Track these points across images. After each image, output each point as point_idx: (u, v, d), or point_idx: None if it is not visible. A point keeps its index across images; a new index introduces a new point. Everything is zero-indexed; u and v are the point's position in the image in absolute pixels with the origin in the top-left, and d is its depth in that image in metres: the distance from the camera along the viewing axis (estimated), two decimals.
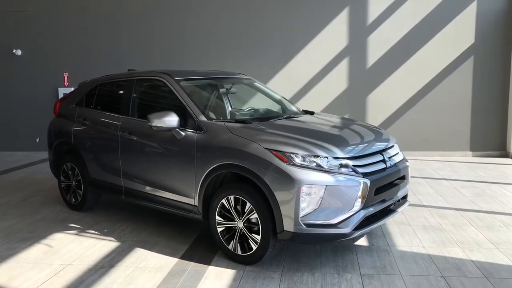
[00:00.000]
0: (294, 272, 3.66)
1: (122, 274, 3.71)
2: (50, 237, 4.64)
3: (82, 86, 5.63)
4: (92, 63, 9.29)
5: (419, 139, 8.74)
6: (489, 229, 4.54)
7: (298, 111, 5.13)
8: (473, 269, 3.62)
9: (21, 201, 5.99)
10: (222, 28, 9.03)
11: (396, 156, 4.15)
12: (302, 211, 3.43)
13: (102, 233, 4.72)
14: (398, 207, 4.13)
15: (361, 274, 3.59)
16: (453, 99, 8.61)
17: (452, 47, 8.51)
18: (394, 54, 8.64)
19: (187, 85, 4.54)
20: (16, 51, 9.59)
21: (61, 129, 5.56)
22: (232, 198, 3.79)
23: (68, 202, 5.57)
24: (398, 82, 8.69)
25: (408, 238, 4.36)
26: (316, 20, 8.75)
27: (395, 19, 8.57)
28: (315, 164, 3.51)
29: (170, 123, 4.08)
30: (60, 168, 5.60)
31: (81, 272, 3.77)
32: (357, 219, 3.52)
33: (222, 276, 3.63)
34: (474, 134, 8.64)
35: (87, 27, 9.43)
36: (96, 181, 5.14)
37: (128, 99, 4.85)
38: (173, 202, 4.30)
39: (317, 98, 8.85)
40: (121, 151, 4.75)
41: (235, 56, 8.99)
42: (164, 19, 9.16)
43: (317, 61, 8.82)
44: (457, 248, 4.05)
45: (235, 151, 3.75)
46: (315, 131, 4.20)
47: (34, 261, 4.01)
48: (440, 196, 5.80)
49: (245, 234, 3.74)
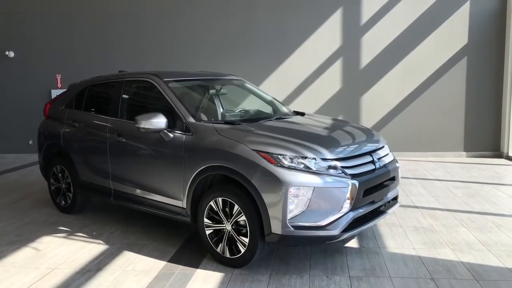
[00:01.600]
0: (282, 275, 3.63)
1: (109, 278, 3.67)
2: (38, 240, 4.59)
3: (72, 88, 5.59)
4: (85, 64, 9.25)
5: (413, 139, 8.72)
6: (481, 230, 4.51)
7: (289, 112, 5.09)
8: (463, 271, 3.59)
9: (11, 204, 5.94)
10: (216, 29, 9.00)
11: (386, 157, 4.11)
12: (290, 213, 3.40)
13: (90, 236, 4.67)
14: (389, 208, 4.09)
15: (350, 277, 3.55)
16: (447, 99, 8.59)
17: (446, 48, 8.49)
18: (388, 55, 8.62)
19: (176, 86, 4.50)
20: (9, 53, 9.54)
21: (50, 131, 5.52)
22: (220, 200, 3.75)
23: (58, 205, 5.52)
24: (392, 82, 8.67)
25: (399, 239, 4.33)
26: (310, 21, 8.72)
27: (389, 20, 8.55)
28: (303, 165, 3.48)
29: (158, 125, 4.05)
30: (50, 171, 5.55)
31: (67, 276, 3.72)
32: (346, 220, 3.49)
33: (210, 279, 3.59)
34: (467, 134, 8.62)
35: (80, 29, 9.38)
36: (85, 183, 5.09)
37: (117, 101, 4.81)
38: (161, 204, 4.26)
39: (311, 99, 8.83)
40: (110, 153, 4.71)
41: (229, 57, 8.96)
42: (157, 21, 9.13)
43: (311, 62, 8.79)
44: (448, 250, 4.02)
45: (223, 153, 3.71)
46: (304, 132, 4.16)
47: (21, 265, 3.97)
48: (433, 197, 5.77)
49: (234, 236, 3.70)
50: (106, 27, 9.31)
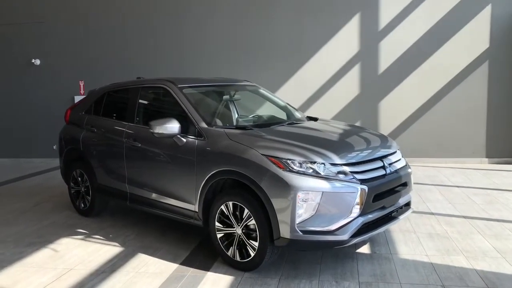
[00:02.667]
0: (292, 279, 3.64)
1: (122, 279, 3.76)
2: (57, 241, 4.73)
3: (91, 94, 5.76)
4: (106, 71, 9.47)
5: (433, 145, 8.59)
6: (497, 237, 4.42)
7: (302, 118, 5.11)
8: (476, 278, 3.53)
9: (33, 207, 6.14)
10: (233, 36, 9.09)
11: (398, 162, 4.09)
12: (299, 217, 3.42)
13: (107, 239, 4.78)
14: (401, 214, 4.06)
15: (359, 282, 3.54)
16: (468, 104, 8.44)
17: (466, 52, 8.35)
18: (407, 60, 8.53)
19: (190, 92, 4.58)
20: (35, 61, 9.88)
21: (71, 136, 5.69)
22: (230, 204, 3.80)
23: (77, 208, 5.68)
24: (411, 87, 8.57)
25: (411, 245, 4.28)
26: (327, 27, 8.72)
27: (407, 24, 8.47)
28: (312, 170, 3.50)
29: (172, 130, 4.14)
30: (70, 175, 5.72)
31: (82, 277, 3.83)
32: (355, 226, 3.49)
33: (220, 282, 3.63)
34: (489, 140, 8.43)
35: (102, 36, 9.63)
36: (103, 187, 5.23)
37: (133, 106, 4.94)
38: (174, 208, 4.34)
39: (329, 104, 8.81)
40: (126, 158, 4.82)
41: (246, 64, 9.04)
42: (177, 28, 9.29)
43: (329, 67, 8.78)
44: (461, 257, 3.96)
45: (233, 157, 3.77)
46: (314, 138, 4.18)
47: (39, 265, 4.10)
48: (450, 204, 5.68)
49: (244, 240, 3.74)
50: (128, 34, 9.53)
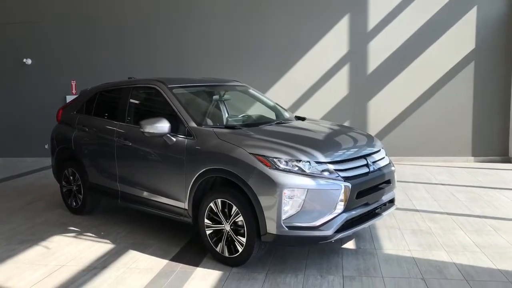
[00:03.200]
0: (278, 273, 3.76)
1: (113, 275, 3.85)
2: (49, 239, 4.81)
3: (83, 94, 5.83)
4: (99, 71, 9.52)
5: (420, 144, 8.76)
6: (478, 233, 4.57)
7: (290, 117, 5.23)
8: (455, 271, 3.67)
9: (25, 206, 6.20)
10: (224, 37, 9.19)
11: (381, 160, 4.22)
12: (285, 214, 3.54)
13: (99, 236, 4.87)
14: (384, 210, 4.20)
15: (343, 276, 3.67)
16: (455, 104, 8.61)
17: (453, 53, 8.53)
18: (395, 60, 8.69)
19: (180, 92, 4.68)
20: (26, 60, 9.91)
21: (62, 136, 5.77)
22: (219, 201, 3.91)
23: (69, 206, 5.75)
24: (399, 88, 8.73)
25: (395, 241, 4.42)
26: (317, 28, 8.86)
27: (395, 25, 8.63)
28: (297, 168, 3.62)
29: (162, 129, 4.23)
30: (62, 173, 5.79)
31: (74, 273, 3.91)
32: (339, 221, 3.61)
33: (209, 277, 3.74)
34: (475, 139, 8.62)
35: (94, 36, 9.69)
36: (94, 185, 5.31)
37: (124, 106, 5.02)
38: (165, 205, 4.44)
39: (318, 104, 8.94)
40: (117, 157, 4.91)
41: (237, 64, 9.15)
42: (167, 27, 9.37)
43: (318, 67, 8.92)
44: (442, 252, 4.10)
45: (222, 156, 3.87)
46: (300, 137, 4.30)
47: (31, 262, 4.18)
48: (435, 201, 5.83)
49: (232, 236, 3.85)
50: (120, 34, 9.59)
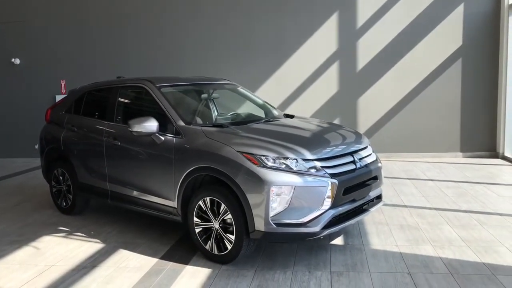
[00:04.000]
0: (267, 270, 3.80)
1: (103, 274, 3.86)
2: (38, 240, 4.80)
3: (72, 93, 5.82)
4: (88, 70, 9.49)
5: (410, 141, 8.84)
6: (464, 227, 4.64)
7: (279, 115, 5.27)
8: (440, 265, 3.73)
9: (14, 206, 6.18)
10: (214, 35, 9.20)
11: (368, 157, 4.27)
12: (272, 211, 3.57)
13: (88, 236, 4.87)
14: (372, 206, 4.25)
15: (331, 272, 3.71)
16: (443, 100, 8.70)
17: (440, 50, 8.61)
18: (384, 57, 8.76)
19: (168, 91, 4.70)
20: (15, 60, 9.85)
21: (51, 136, 5.75)
22: (208, 199, 3.93)
23: (59, 206, 5.75)
24: (388, 84, 8.80)
25: (383, 237, 4.47)
26: (306, 25, 8.90)
27: (384, 23, 8.69)
28: (285, 165, 3.65)
29: (150, 128, 4.25)
30: (51, 173, 5.78)
31: (63, 272, 3.92)
32: (326, 218, 3.65)
33: (198, 275, 3.77)
34: (463, 135, 8.72)
35: (83, 35, 9.65)
36: (84, 185, 5.31)
37: (113, 106, 5.02)
38: (154, 204, 4.45)
39: (309, 102, 8.99)
40: (106, 156, 4.92)
41: (226, 62, 9.15)
42: (157, 26, 9.36)
43: (308, 65, 8.96)
44: (429, 246, 4.16)
45: (210, 154, 3.90)
46: (288, 134, 4.34)
47: (20, 263, 4.18)
48: (423, 197, 5.90)
49: (221, 234, 3.88)
50: (110, 33, 9.56)
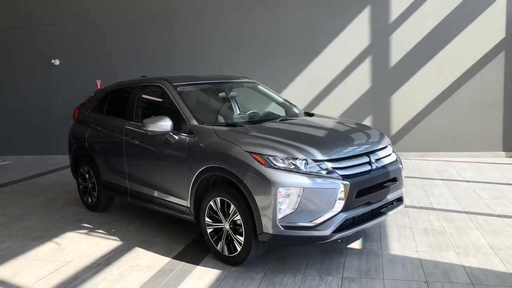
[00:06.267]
0: (276, 273, 3.69)
1: (115, 272, 3.90)
2: (61, 236, 4.94)
3: (97, 93, 5.95)
4: (122, 69, 9.69)
5: (447, 139, 8.41)
6: (495, 233, 4.32)
7: (299, 113, 5.13)
8: (462, 275, 3.48)
9: (46, 202, 6.40)
10: (241, 32, 9.13)
11: (387, 157, 4.05)
12: (280, 213, 3.46)
13: (109, 233, 4.96)
14: (390, 210, 4.04)
15: (342, 277, 3.55)
16: (484, 97, 8.21)
17: (481, 43, 8.11)
18: (419, 52, 8.36)
19: (184, 90, 4.68)
20: (55, 61, 10.24)
21: (78, 134, 5.90)
22: (218, 200, 3.88)
23: (85, 203, 5.90)
24: (423, 80, 8.41)
25: (404, 241, 4.25)
26: (336, 21, 8.65)
27: (419, 15, 8.30)
28: (294, 166, 3.53)
29: (164, 128, 4.24)
30: (78, 171, 5.94)
31: (78, 269, 4.00)
32: (337, 221, 3.50)
33: (207, 276, 3.72)
34: (506, 133, 8.19)
35: (118, 36, 9.88)
36: (107, 183, 5.41)
37: (132, 105, 5.08)
38: (169, 203, 4.46)
39: (339, 100, 8.75)
40: (126, 155, 4.98)
41: (254, 60, 9.04)
42: (187, 24, 9.41)
43: (339, 62, 8.71)
44: (452, 253, 3.90)
45: (220, 154, 3.84)
46: (301, 134, 4.20)
47: (41, 258, 4.30)
48: (454, 199, 5.57)
49: (231, 235, 3.82)
50: (143, 33, 9.73)
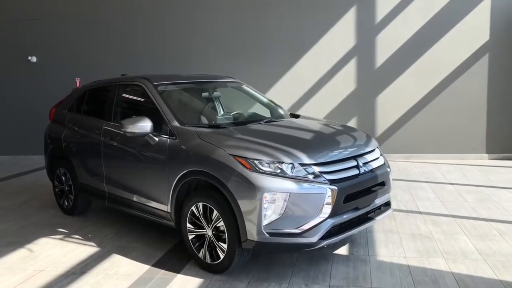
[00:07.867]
0: (261, 282, 3.54)
1: (90, 281, 3.70)
2: (35, 241, 4.69)
3: (74, 92, 5.70)
4: (102, 68, 9.41)
5: (431, 141, 8.38)
6: (482, 238, 4.25)
7: (284, 115, 4.99)
8: (451, 282, 3.39)
9: (21, 205, 6.13)
10: (225, 31, 8.96)
11: (375, 161, 3.94)
12: (265, 219, 3.31)
13: (85, 238, 4.73)
14: (378, 215, 3.92)
15: (330, 286, 3.42)
16: (467, 99, 8.20)
17: (465, 45, 8.11)
18: (404, 54, 8.32)
19: (165, 89, 4.49)
20: (31, 58, 9.90)
21: (54, 135, 5.65)
22: (200, 205, 3.71)
23: (62, 207, 5.65)
24: (408, 82, 8.36)
25: (392, 247, 4.14)
26: (323, 21, 8.54)
27: (405, 17, 8.25)
28: (280, 170, 3.38)
29: (143, 129, 4.04)
30: (54, 173, 5.68)
31: (51, 279, 3.78)
32: (324, 228, 3.36)
33: (188, 285, 3.55)
34: (490, 135, 8.20)
35: (98, 33, 9.60)
36: (84, 186, 5.18)
37: (111, 104, 4.86)
38: (149, 208, 4.26)
39: (324, 101, 8.64)
40: (103, 156, 4.76)
41: (240, 60, 8.89)
42: (171, 23, 9.20)
43: (324, 62, 8.60)
44: (441, 259, 3.81)
45: (202, 157, 3.67)
46: (286, 136, 4.06)
47: (11, 266, 4.06)
48: (440, 202, 5.51)
49: (214, 242, 3.65)
50: (123, 31, 9.47)
